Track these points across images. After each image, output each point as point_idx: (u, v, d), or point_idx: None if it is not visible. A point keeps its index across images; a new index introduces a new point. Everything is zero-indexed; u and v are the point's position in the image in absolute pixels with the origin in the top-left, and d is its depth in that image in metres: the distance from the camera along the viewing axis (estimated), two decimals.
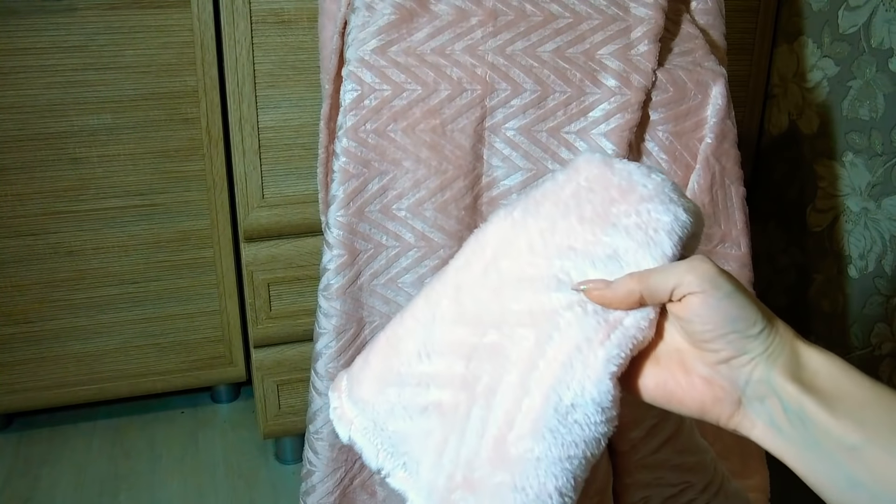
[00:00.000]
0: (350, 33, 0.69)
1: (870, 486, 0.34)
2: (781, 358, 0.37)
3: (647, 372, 0.41)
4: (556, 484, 0.39)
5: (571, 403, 0.40)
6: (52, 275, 1.16)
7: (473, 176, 0.72)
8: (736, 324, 0.38)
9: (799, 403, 0.36)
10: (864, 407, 0.36)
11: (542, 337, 0.41)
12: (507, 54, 0.69)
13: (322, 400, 0.75)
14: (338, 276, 0.72)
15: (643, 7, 0.71)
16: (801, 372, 0.37)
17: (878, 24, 1.04)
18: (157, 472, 1.23)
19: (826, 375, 0.37)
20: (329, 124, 0.76)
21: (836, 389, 0.36)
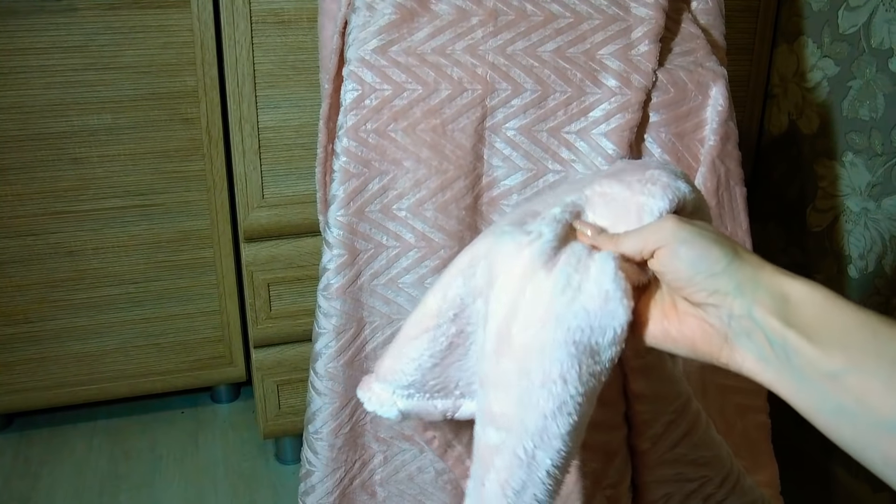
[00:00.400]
0: (350, 33, 0.69)
1: (854, 412, 0.36)
2: (760, 292, 0.38)
3: (651, 317, 0.43)
4: (561, 370, 0.39)
5: (578, 286, 0.40)
6: (52, 275, 1.16)
7: (474, 176, 0.72)
8: (698, 266, 0.39)
9: (783, 336, 0.37)
10: (847, 333, 0.36)
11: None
12: (507, 54, 0.69)
13: (322, 400, 0.75)
14: (338, 275, 0.72)
15: (643, 7, 0.71)
16: (785, 305, 0.38)
17: (878, 24, 1.04)
18: (157, 472, 1.23)
19: (810, 305, 0.38)
20: (328, 124, 0.76)
21: (820, 318, 0.37)
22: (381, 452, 0.80)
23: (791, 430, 1.29)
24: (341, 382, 0.75)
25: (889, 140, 1.05)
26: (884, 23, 1.03)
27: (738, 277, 0.39)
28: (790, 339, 0.37)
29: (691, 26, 0.75)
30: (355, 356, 0.75)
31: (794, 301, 0.38)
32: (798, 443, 1.26)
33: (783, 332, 0.37)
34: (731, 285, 0.39)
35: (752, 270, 0.39)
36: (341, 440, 0.77)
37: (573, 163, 0.71)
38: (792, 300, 0.38)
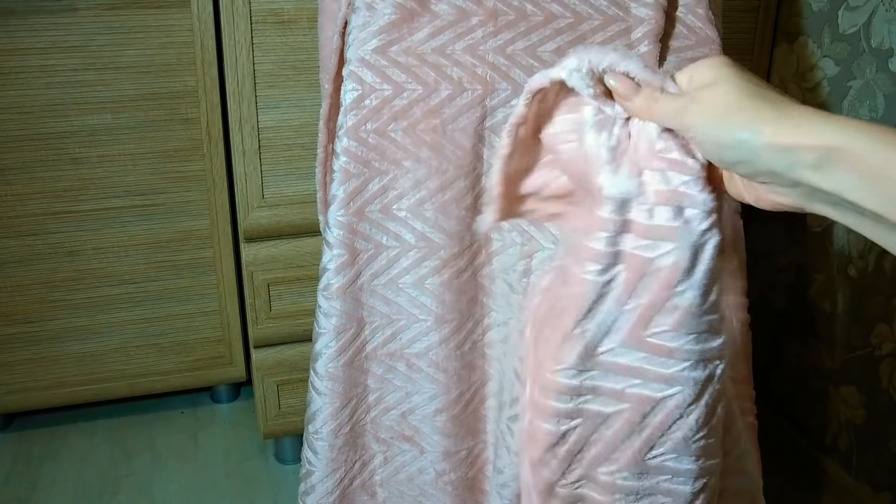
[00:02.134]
0: (350, 33, 0.69)
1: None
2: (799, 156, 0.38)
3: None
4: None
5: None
6: (52, 275, 1.16)
7: (474, 176, 0.72)
8: (729, 155, 0.40)
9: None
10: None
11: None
12: (507, 54, 0.69)
13: (322, 400, 0.75)
14: (338, 275, 0.72)
15: (643, 7, 0.71)
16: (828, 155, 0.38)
17: (878, 24, 1.04)
18: (157, 471, 1.23)
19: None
20: (328, 124, 0.76)
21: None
22: (381, 453, 0.80)
23: (791, 430, 1.29)
24: (341, 382, 0.75)
25: None
26: (884, 23, 1.03)
27: (768, 158, 0.38)
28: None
29: (689, 24, 0.75)
30: (355, 356, 0.75)
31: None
32: (798, 443, 1.26)
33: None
34: (767, 167, 0.38)
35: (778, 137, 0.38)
36: (341, 440, 0.77)
37: None
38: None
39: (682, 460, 0.48)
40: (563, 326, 0.46)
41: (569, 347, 0.46)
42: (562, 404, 0.47)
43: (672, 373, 0.45)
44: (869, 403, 1.12)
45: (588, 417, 0.48)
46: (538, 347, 0.49)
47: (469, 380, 0.78)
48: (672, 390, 0.46)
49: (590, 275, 0.44)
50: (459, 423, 0.79)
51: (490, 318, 0.77)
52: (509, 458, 0.77)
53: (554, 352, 0.47)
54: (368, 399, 0.77)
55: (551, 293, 0.48)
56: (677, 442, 0.47)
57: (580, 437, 0.48)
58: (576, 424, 0.48)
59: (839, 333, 1.16)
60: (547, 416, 0.48)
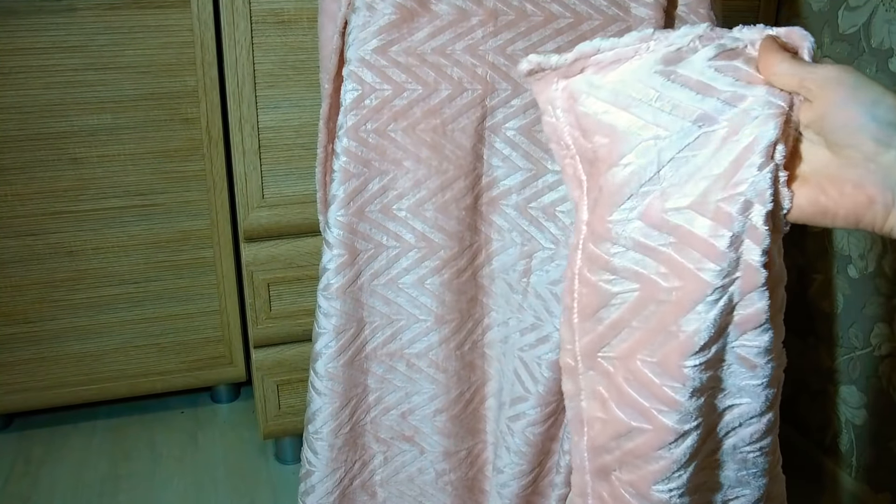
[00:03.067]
0: (351, 33, 0.69)
1: None
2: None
3: (798, 194, 0.41)
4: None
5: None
6: (52, 275, 1.16)
7: (474, 176, 0.72)
8: (874, 110, 0.37)
9: None
10: None
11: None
12: (507, 54, 0.69)
13: (322, 400, 0.75)
14: (338, 275, 0.72)
15: (643, 7, 0.71)
16: None
17: (878, 25, 1.04)
18: (157, 472, 1.23)
19: None
20: (328, 124, 0.76)
21: None
22: (381, 453, 0.80)
23: (791, 431, 1.29)
24: (341, 382, 0.75)
25: None
26: (884, 23, 1.03)
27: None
28: None
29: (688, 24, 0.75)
30: (355, 356, 0.75)
31: None
32: (798, 443, 1.26)
33: None
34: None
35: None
36: (341, 440, 0.77)
37: None
38: None
39: (743, 475, 0.48)
40: (662, 319, 0.44)
41: (669, 346, 0.44)
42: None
43: (747, 385, 0.45)
44: (869, 403, 1.12)
45: (657, 429, 0.46)
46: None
47: (469, 380, 0.78)
48: (741, 400, 0.45)
49: (706, 274, 0.42)
50: (459, 423, 0.79)
51: (490, 318, 0.77)
52: (509, 458, 0.77)
53: (651, 342, 0.45)
54: (368, 399, 0.77)
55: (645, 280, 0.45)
56: (745, 457, 0.47)
57: (649, 442, 0.46)
58: (648, 428, 0.46)
59: (839, 333, 1.16)
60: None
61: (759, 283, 0.42)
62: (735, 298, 0.43)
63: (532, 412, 0.74)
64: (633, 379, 0.46)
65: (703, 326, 0.43)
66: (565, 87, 0.45)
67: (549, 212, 0.72)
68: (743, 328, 0.43)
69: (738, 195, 0.41)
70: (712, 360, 0.44)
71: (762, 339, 0.44)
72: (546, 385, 0.73)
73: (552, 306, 0.72)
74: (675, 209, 0.42)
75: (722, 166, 0.41)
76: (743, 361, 0.44)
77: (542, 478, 0.78)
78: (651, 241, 0.43)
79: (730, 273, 0.42)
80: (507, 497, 0.77)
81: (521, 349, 0.75)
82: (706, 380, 0.44)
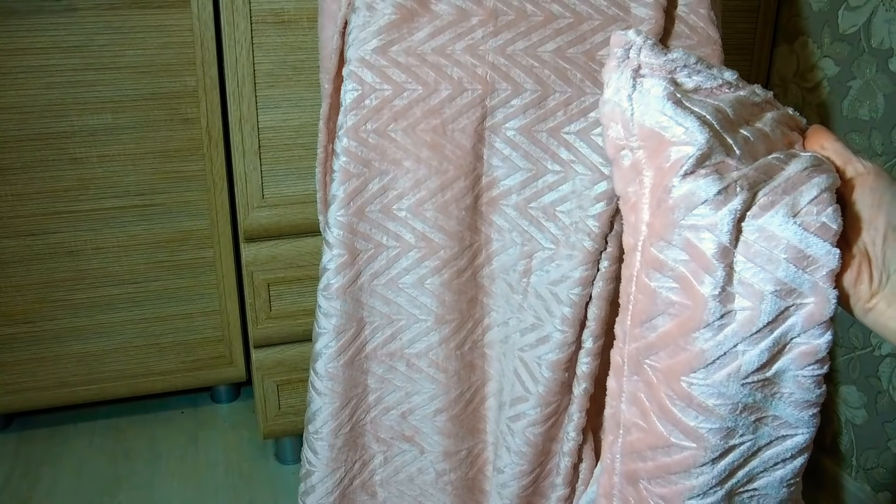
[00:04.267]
0: (350, 33, 0.69)
1: None
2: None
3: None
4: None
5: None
6: (52, 275, 1.16)
7: (474, 176, 0.72)
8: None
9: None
10: None
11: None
12: (507, 54, 0.69)
13: (322, 400, 0.75)
14: (338, 275, 0.72)
15: (643, 7, 0.71)
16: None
17: (878, 24, 1.04)
18: (157, 471, 1.23)
19: None
20: (328, 124, 0.76)
21: None
22: (381, 453, 0.80)
23: None
24: (341, 382, 0.75)
25: (889, 140, 1.05)
26: (884, 23, 1.03)
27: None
28: None
29: (692, 24, 0.75)
30: (355, 356, 0.75)
31: None
32: None
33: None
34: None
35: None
36: (341, 440, 0.77)
37: (573, 163, 0.71)
38: None
39: (768, 500, 0.47)
40: (721, 340, 0.43)
41: (730, 365, 0.43)
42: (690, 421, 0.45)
43: (804, 416, 0.44)
44: (869, 403, 1.12)
45: (703, 447, 0.45)
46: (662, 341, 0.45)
47: (469, 380, 0.78)
48: (796, 431, 0.45)
49: (769, 294, 0.41)
50: (459, 423, 0.79)
51: (490, 319, 0.77)
52: (509, 459, 0.77)
53: (702, 362, 0.43)
54: (368, 399, 0.77)
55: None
56: (773, 480, 0.46)
57: (691, 458, 0.45)
58: (692, 446, 0.45)
59: (839, 333, 1.16)
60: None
61: (828, 312, 0.41)
62: (802, 324, 0.41)
63: (532, 412, 0.74)
64: (677, 398, 0.44)
65: (768, 345, 0.42)
66: (652, 77, 0.44)
67: (550, 212, 0.72)
68: (804, 359, 0.42)
69: (812, 221, 0.41)
70: (770, 379, 0.43)
71: (820, 370, 0.43)
72: (546, 385, 0.73)
73: (552, 306, 0.72)
74: (748, 225, 0.41)
75: (796, 195, 0.41)
76: (796, 386, 0.43)
77: (542, 478, 0.78)
78: (715, 254, 0.42)
79: (799, 295, 0.41)
80: (507, 497, 0.77)
81: (522, 349, 0.75)
82: (759, 399, 0.43)
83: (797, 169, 0.43)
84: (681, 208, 0.42)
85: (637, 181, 0.44)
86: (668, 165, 0.42)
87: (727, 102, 0.45)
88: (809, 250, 0.40)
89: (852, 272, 0.42)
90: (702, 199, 0.41)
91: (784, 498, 0.47)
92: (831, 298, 0.40)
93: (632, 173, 0.44)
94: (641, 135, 0.43)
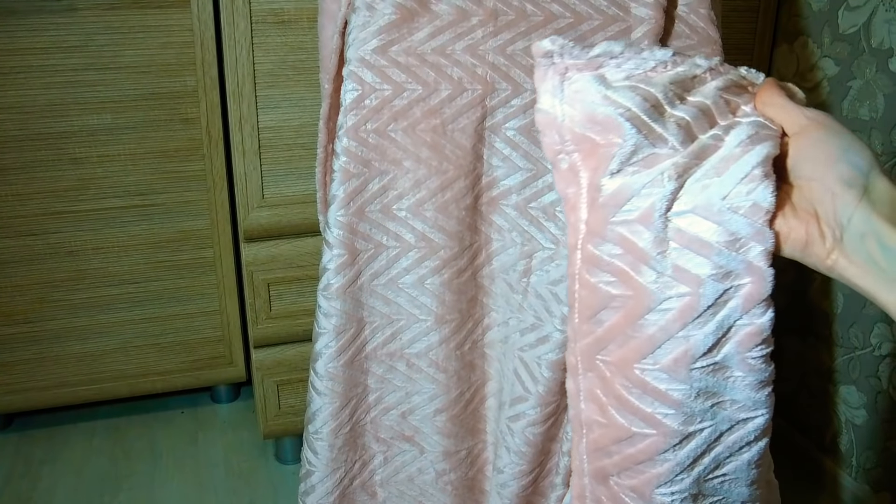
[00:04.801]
0: (350, 33, 0.69)
1: None
2: (881, 195, 0.40)
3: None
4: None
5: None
6: (52, 275, 1.16)
7: (474, 176, 0.72)
8: (847, 154, 0.40)
9: (894, 242, 0.39)
10: None
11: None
12: (507, 54, 0.69)
13: (322, 400, 0.75)
14: (338, 275, 0.72)
15: (643, 7, 0.71)
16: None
17: (878, 24, 1.04)
18: (157, 471, 1.23)
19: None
20: (328, 124, 0.76)
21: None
22: (381, 453, 0.80)
23: (791, 430, 1.29)
24: (341, 382, 0.75)
25: (889, 140, 1.05)
26: (884, 23, 1.03)
27: (872, 177, 0.39)
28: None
29: (692, 24, 0.75)
30: (355, 356, 0.75)
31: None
32: (798, 443, 1.26)
33: (893, 236, 0.38)
34: (865, 182, 0.39)
35: (881, 176, 0.40)
36: (341, 440, 0.77)
37: None
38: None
39: (738, 483, 0.47)
40: (666, 326, 0.44)
41: (676, 351, 0.44)
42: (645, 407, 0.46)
43: (760, 397, 0.45)
44: (869, 403, 1.12)
45: (662, 433, 0.46)
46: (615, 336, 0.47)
47: (469, 380, 0.78)
48: (756, 413, 0.45)
49: (708, 278, 0.42)
50: (459, 423, 0.79)
51: (490, 318, 0.77)
52: (509, 458, 0.77)
53: (653, 349, 0.45)
54: (368, 399, 0.77)
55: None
56: (741, 464, 0.46)
57: (653, 445, 0.46)
58: (652, 433, 0.46)
59: (839, 333, 1.16)
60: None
61: (765, 290, 0.42)
62: (743, 305, 0.42)
63: (532, 412, 0.74)
64: (632, 385, 0.45)
65: (711, 329, 0.43)
66: (578, 78, 0.45)
67: (549, 212, 0.72)
68: (749, 339, 0.43)
69: (742, 203, 0.41)
70: (720, 363, 0.44)
71: (767, 349, 0.44)
72: (546, 385, 0.73)
73: (552, 306, 0.72)
74: (678, 213, 0.42)
75: (726, 176, 0.42)
76: (749, 369, 0.44)
77: (542, 478, 0.78)
78: (650, 245, 0.43)
79: (735, 277, 0.42)
80: (507, 497, 0.77)
81: (521, 349, 0.75)
82: (711, 384, 0.44)
83: (732, 144, 0.43)
84: (610, 206, 0.44)
85: (575, 182, 0.46)
86: (598, 165, 0.44)
87: (660, 86, 0.44)
88: (741, 232, 0.41)
89: (799, 236, 0.41)
90: (629, 195, 0.43)
91: (754, 479, 0.47)
92: (768, 277, 0.41)
93: (570, 175, 0.46)
94: (573, 139, 0.45)
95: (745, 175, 0.41)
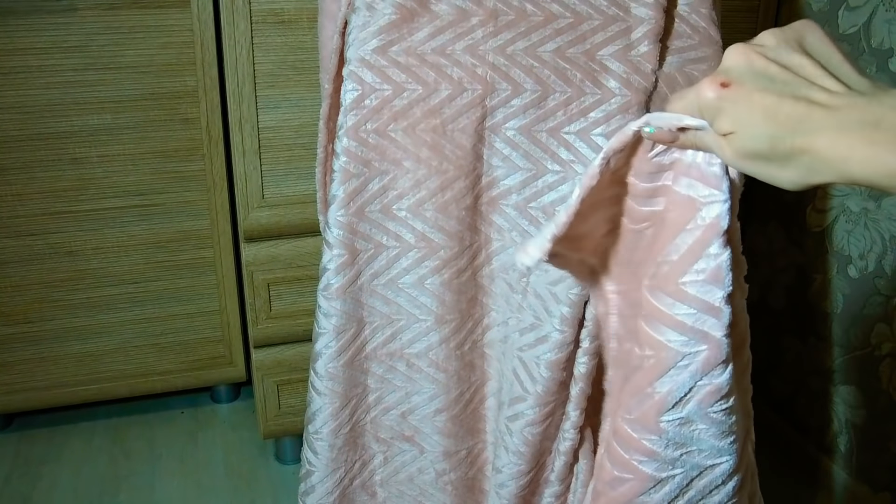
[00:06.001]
0: (350, 33, 0.69)
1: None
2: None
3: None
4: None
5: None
6: (52, 275, 1.16)
7: (474, 176, 0.72)
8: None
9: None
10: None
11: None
12: (507, 54, 0.69)
13: (322, 400, 0.75)
14: (338, 275, 0.72)
15: (643, 7, 0.71)
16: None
17: (878, 24, 1.04)
18: (157, 471, 1.23)
19: None
20: (328, 124, 0.76)
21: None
22: (381, 453, 0.80)
23: (791, 430, 1.29)
24: (341, 382, 0.75)
25: None
26: (884, 23, 1.03)
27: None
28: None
29: (693, 24, 0.75)
30: (355, 356, 0.75)
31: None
32: (798, 443, 1.26)
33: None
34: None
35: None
36: (341, 440, 0.77)
37: (573, 163, 0.71)
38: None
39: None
40: (637, 383, 0.50)
41: (646, 405, 0.50)
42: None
43: (724, 445, 0.50)
44: (869, 403, 1.12)
45: (639, 479, 0.52)
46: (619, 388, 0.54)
47: (469, 380, 0.78)
48: (722, 459, 0.51)
49: (673, 344, 0.47)
50: (459, 422, 0.79)
51: (490, 318, 0.77)
52: (508, 458, 0.77)
53: (629, 402, 0.51)
54: (368, 399, 0.77)
55: (623, 346, 0.52)
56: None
57: (631, 489, 0.52)
58: (630, 477, 0.52)
59: (839, 333, 1.16)
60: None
61: (721, 355, 0.47)
62: (702, 369, 0.48)
63: (530, 412, 0.74)
64: (615, 434, 0.52)
65: (675, 387, 0.48)
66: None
67: (549, 212, 0.72)
68: (710, 397, 0.48)
69: (698, 279, 0.46)
70: (685, 418, 0.49)
71: (728, 403, 0.49)
72: (544, 385, 0.73)
73: (551, 306, 0.72)
74: (647, 286, 0.48)
75: (682, 250, 0.47)
76: (712, 422, 0.50)
77: (538, 477, 0.78)
78: (629, 310, 0.49)
79: (696, 344, 0.47)
80: (506, 497, 0.77)
81: (521, 349, 0.75)
82: (679, 436, 0.50)
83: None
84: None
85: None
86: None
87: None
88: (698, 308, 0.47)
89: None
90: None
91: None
92: (723, 346, 0.47)
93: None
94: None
95: (700, 252, 0.46)
